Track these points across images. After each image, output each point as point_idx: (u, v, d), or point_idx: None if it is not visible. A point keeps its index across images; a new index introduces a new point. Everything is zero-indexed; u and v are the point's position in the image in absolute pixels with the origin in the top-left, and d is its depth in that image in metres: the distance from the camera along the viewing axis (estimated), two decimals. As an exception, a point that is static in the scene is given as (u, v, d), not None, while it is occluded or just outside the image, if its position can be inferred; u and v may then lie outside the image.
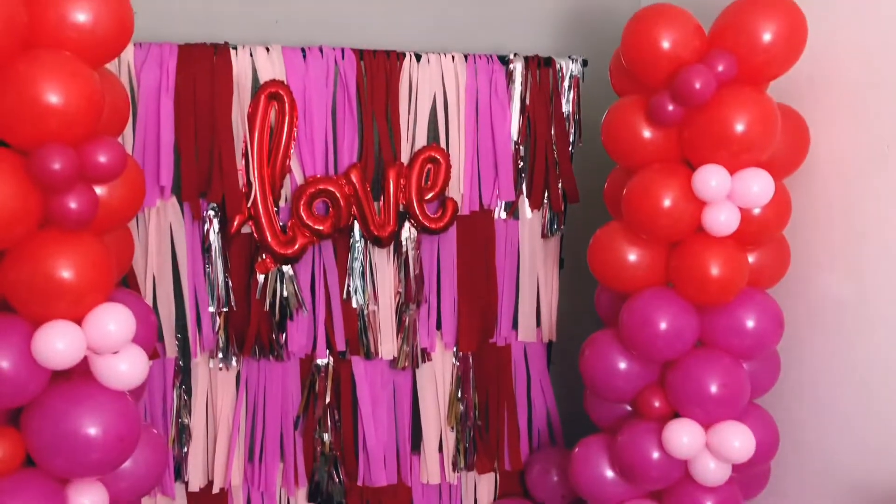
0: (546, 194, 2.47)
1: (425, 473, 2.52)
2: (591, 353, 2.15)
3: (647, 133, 1.99)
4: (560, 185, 2.48)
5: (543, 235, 2.52)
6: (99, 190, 1.57)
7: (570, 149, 2.48)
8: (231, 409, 2.36)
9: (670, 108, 1.90)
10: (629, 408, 2.21)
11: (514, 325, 2.55)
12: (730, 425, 1.98)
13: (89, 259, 1.53)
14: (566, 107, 2.46)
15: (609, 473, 2.16)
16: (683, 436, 1.98)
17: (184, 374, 2.31)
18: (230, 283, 2.26)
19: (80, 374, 1.58)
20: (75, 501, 1.61)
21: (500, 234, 2.47)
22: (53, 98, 1.43)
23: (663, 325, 1.98)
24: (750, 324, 1.99)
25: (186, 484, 2.35)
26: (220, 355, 2.30)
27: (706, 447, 2.00)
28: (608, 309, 2.23)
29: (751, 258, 2.02)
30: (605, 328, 2.21)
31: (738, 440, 1.95)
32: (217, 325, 2.28)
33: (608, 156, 2.13)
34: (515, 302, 2.53)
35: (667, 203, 1.93)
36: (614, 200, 2.13)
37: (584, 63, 2.47)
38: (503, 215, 2.46)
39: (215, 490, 2.37)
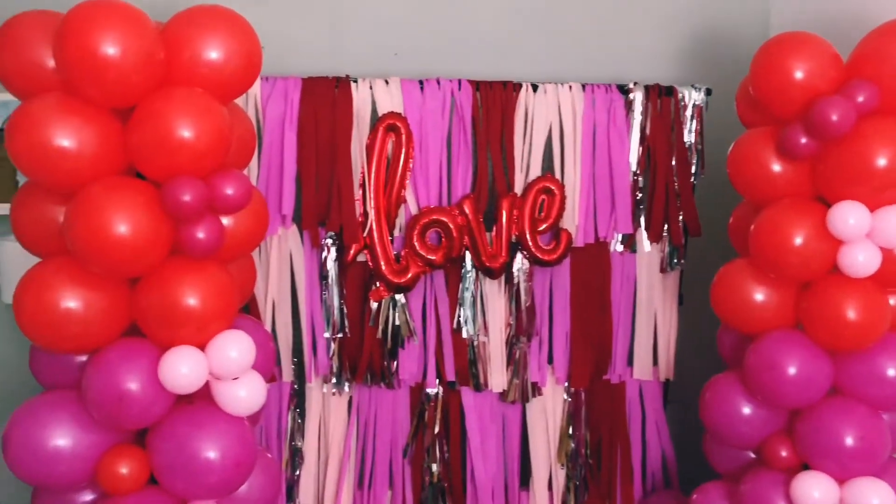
0: (666, 227, 2.40)
1: (534, 510, 2.47)
2: (713, 397, 2.06)
3: (776, 167, 1.91)
4: (681, 217, 2.40)
5: (662, 270, 2.44)
6: (225, 220, 1.63)
7: (691, 180, 2.40)
8: (342, 434, 2.39)
9: (803, 140, 1.81)
10: (753, 455, 2.10)
11: (630, 362, 2.48)
12: (868, 482, 1.85)
13: (214, 287, 1.59)
14: (688, 137, 2.39)
15: (730, 525, 2.05)
16: (814, 490, 1.86)
17: (298, 398, 2.36)
18: (345, 310, 2.29)
19: (203, 398, 1.63)
20: (193, 522, 1.66)
21: (616, 267, 2.42)
22: (186, 133, 1.50)
23: (792, 371, 1.88)
24: (891, 372, 1.86)
25: (297, 506, 2.39)
26: (334, 380, 2.33)
27: (840, 504, 1.87)
28: (732, 350, 2.12)
29: (893, 301, 1.89)
30: (727, 370, 2.11)
31: (878, 498, 1.82)
32: (332, 350, 2.32)
33: (732, 188, 2.05)
34: (631, 338, 2.46)
35: (798, 241, 1.84)
36: (740, 236, 2.05)
37: (708, 92, 2.39)
38: (620, 248, 2.40)
39: (325, 514, 2.39)
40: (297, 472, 2.38)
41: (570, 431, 2.46)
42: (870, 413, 1.87)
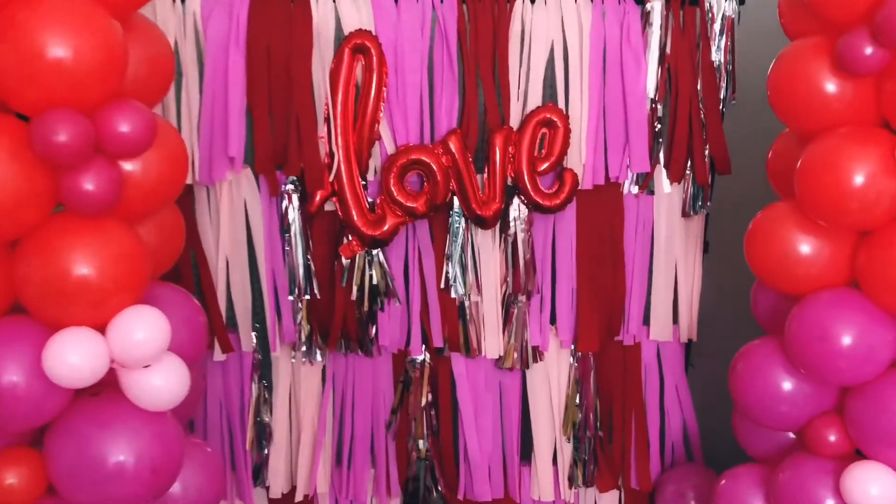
0: (689, 164, 2.15)
1: (536, 488, 2.30)
2: (746, 368, 1.80)
3: (831, 86, 1.61)
4: (707, 152, 2.15)
5: (684, 214, 2.20)
6: (128, 166, 1.32)
7: (720, 107, 2.14)
8: (316, 407, 2.20)
9: (869, 51, 1.50)
10: (792, 435, 1.85)
11: (646, 321, 2.26)
12: (937, 475, 1.60)
13: (115, 251, 1.30)
14: (716, 55, 2.12)
15: (764, 516, 1.82)
16: (871, 484, 1.61)
17: (262, 369, 2.17)
18: (312, 268, 2.07)
19: (112, 389, 1.34)
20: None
21: (631, 212, 2.18)
22: (60, 52, 1.19)
23: (846, 340, 1.61)
24: (969, 341, 1.59)
25: (267, 489, 2.24)
26: (304, 348, 2.13)
27: (904, 502, 1.63)
28: (769, 313, 1.86)
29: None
30: (764, 337, 1.85)
31: (950, 495, 1.57)
32: (299, 315, 2.10)
33: (773, 116, 1.79)
34: (648, 293, 2.24)
35: (858, 179, 1.55)
36: (782, 174, 1.77)
37: (741, 1, 2.12)
38: (634, 190, 2.15)
39: (299, 497, 2.23)
40: (266, 452, 2.20)
41: (578, 400, 2.26)
42: (942, 391, 1.61)
